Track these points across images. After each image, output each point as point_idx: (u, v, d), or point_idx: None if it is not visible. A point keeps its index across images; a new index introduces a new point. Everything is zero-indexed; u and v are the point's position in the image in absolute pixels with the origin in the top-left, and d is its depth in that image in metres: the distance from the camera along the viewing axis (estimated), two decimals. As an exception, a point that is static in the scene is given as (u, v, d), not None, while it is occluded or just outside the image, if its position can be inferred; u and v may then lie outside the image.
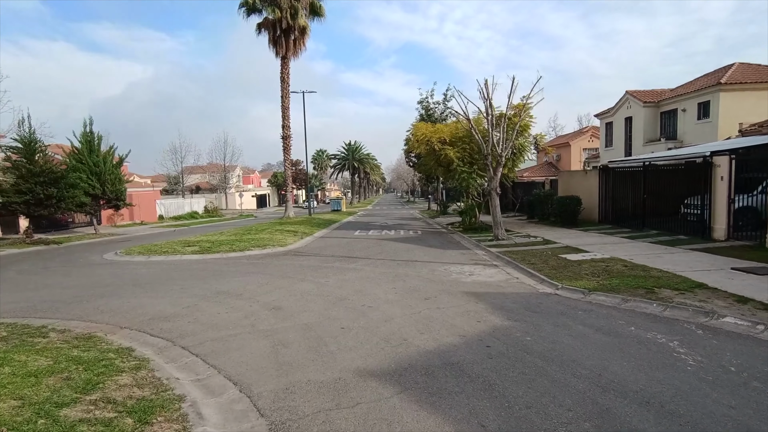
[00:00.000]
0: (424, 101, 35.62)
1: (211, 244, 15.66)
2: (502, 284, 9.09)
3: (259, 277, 10.48)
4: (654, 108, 26.57)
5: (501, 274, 10.22)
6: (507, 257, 12.08)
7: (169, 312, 7.37)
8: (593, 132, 41.17)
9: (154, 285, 9.84)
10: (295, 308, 7.45)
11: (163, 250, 14.65)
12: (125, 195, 27.35)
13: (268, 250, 14.97)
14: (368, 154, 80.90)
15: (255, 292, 8.80)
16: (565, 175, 24.71)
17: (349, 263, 12.21)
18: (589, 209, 19.98)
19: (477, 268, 11.11)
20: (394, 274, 10.48)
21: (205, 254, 14.07)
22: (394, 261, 12.36)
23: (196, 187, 67.01)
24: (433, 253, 13.88)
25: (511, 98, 15.64)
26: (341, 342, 5.65)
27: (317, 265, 11.98)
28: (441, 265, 11.61)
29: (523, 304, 7.37)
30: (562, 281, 8.78)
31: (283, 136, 31.90)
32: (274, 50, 30.69)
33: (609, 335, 5.67)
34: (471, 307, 7.25)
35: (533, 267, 10.44)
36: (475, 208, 21.47)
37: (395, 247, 15.66)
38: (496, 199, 16.54)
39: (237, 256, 14.06)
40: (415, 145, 21.76)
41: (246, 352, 5.37)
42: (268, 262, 12.85)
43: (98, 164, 25.52)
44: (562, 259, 11.30)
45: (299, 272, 11.03)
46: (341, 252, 14.56)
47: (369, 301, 7.80)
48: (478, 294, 8.20)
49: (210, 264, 12.66)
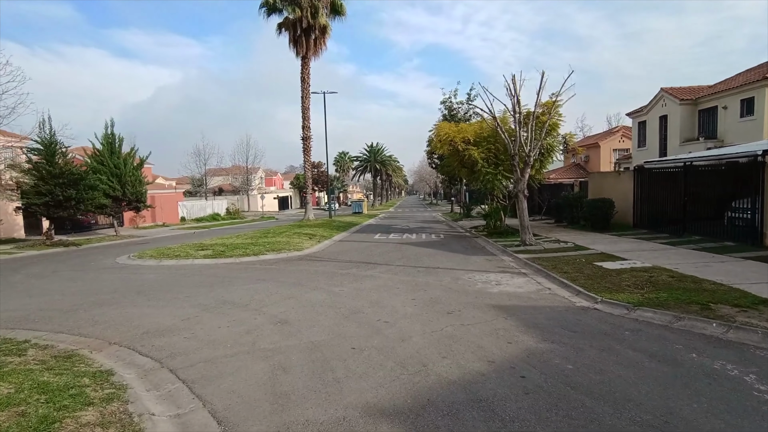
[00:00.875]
0: (447, 101, 34.78)
1: (225, 248, 15.15)
2: (533, 296, 8.21)
3: (269, 284, 9.83)
4: (691, 106, 25.05)
5: (531, 284, 9.32)
6: (536, 265, 11.16)
7: (166, 324, 6.76)
8: (624, 132, 39.50)
9: (159, 292, 9.29)
10: (302, 322, 6.74)
11: (176, 254, 14.19)
12: (146, 197, 27.26)
13: (283, 255, 14.37)
14: (390, 156, 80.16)
15: (262, 302, 8.14)
16: (596, 177, 23.47)
17: (366, 270, 11.48)
18: (623, 213, 18.82)
19: (504, 276, 10.23)
20: (414, 282, 9.70)
21: (218, 259, 13.54)
22: (414, 268, 11.57)
23: (219, 189, 67.39)
24: (457, 259, 13.04)
25: (540, 94, 14.68)
26: (350, 367, 4.90)
27: (332, 272, 11.29)
28: (465, 272, 10.77)
29: (559, 321, 6.49)
30: (601, 293, 7.85)
31: (303, 137, 31.44)
32: (295, 50, 30.28)
33: (667, 364, 4.76)
34: (499, 324, 6.42)
35: (566, 276, 9.51)
36: (500, 211, 20.53)
37: (416, 252, 14.86)
38: (523, 202, 15.59)
39: (250, 260, 13.49)
40: (438, 145, 20.91)
41: (240, 377, 4.67)
42: (282, 267, 12.22)
43: (119, 166, 25.45)
44: (598, 267, 10.33)
45: (312, 279, 10.35)
46: (359, 257, 13.85)
47: (385, 315, 7.03)
48: (507, 308, 7.35)
49: (221, 269, 12.10)
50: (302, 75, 30.83)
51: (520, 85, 14.80)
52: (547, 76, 14.18)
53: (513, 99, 15.17)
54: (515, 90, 14.78)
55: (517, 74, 14.79)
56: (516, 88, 14.74)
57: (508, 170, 19.80)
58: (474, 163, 20.19)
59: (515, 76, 14.64)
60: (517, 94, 14.79)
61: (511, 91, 15.07)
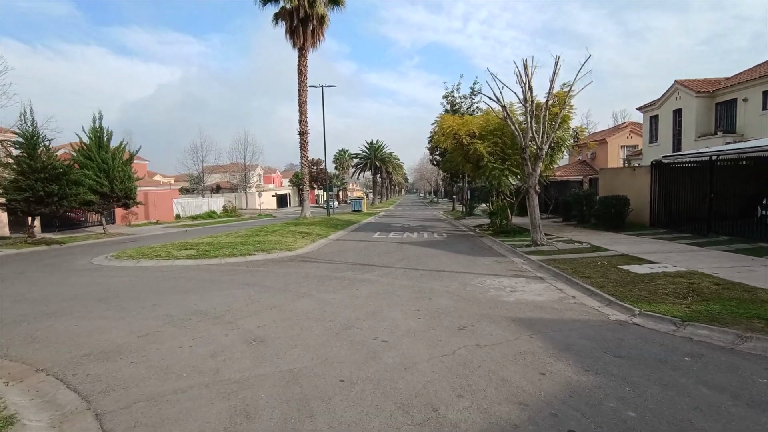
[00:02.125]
0: (449, 95, 33.63)
1: (211, 248, 13.95)
2: (557, 306, 7.02)
3: (252, 290, 8.62)
4: (708, 99, 23.80)
5: (551, 291, 8.12)
6: (553, 267, 9.97)
7: (117, 343, 5.55)
8: (633, 128, 38.28)
9: (124, 300, 8.08)
10: (282, 341, 5.54)
11: (156, 254, 12.98)
12: (135, 193, 26.05)
13: (273, 255, 13.16)
14: (390, 154, 78.84)
15: (240, 312, 6.94)
16: (608, 173, 22.24)
17: (363, 272, 10.29)
18: (638, 211, 17.62)
19: (519, 281, 9.03)
20: (418, 288, 8.50)
21: (201, 259, 12.33)
22: (417, 271, 10.37)
23: (217, 186, 66.20)
24: (463, 260, 11.84)
25: (554, 82, 13.46)
26: (336, 410, 3.70)
27: (326, 275, 10.09)
28: (474, 276, 9.57)
29: (597, 341, 5.30)
30: (638, 304, 6.65)
31: (300, 131, 30.19)
32: (291, 41, 29.02)
33: (760, 410, 3.57)
34: (524, 344, 5.22)
35: (591, 282, 8.32)
36: (507, 209, 19.32)
37: (418, 252, 13.66)
38: (534, 199, 14.38)
39: (236, 261, 12.28)
40: (441, 139, 19.68)
41: (186, 429, 3.48)
42: (270, 269, 11.02)
43: (107, 161, 24.25)
44: (625, 271, 9.13)
45: (302, 284, 9.15)
46: (356, 258, 12.65)
47: (384, 331, 5.83)
48: (530, 322, 6.15)
49: (202, 272, 10.89)
50: (299, 67, 29.59)
51: (532, 71, 13.58)
52: (562, 61, 12.97)
53: (524, 87, 13.95)
54: (527, 77, 13.55)
55: (524, 62, 13.53)
56: (528, 75, 13.51)
57: (515, 165, 18.63)
58: (479, 157, 19.00)
59: (527, 62, 13.42)
60: (529, 81, 13.56)
61: (522, 78, 13.84)
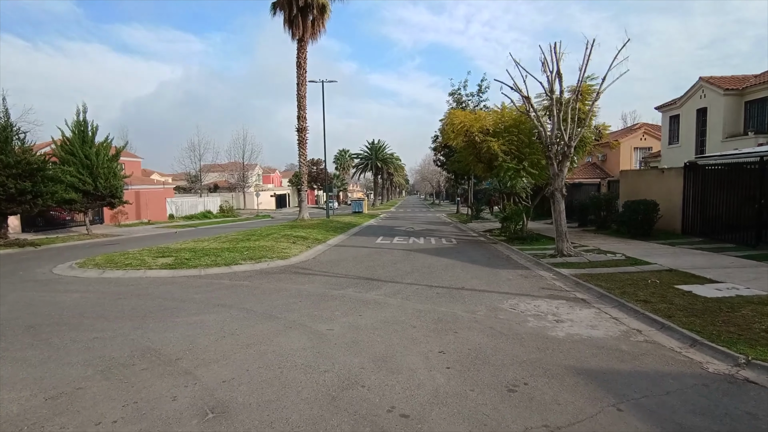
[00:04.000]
0: (456, 93, 32.03)
1: (192, 255, 12.21)
2: (624, 346, 5.30)
3: (228, 315, 6.88)
4: (737, 97, 22.07)
5: (606, 321, 6.41)
6: (594, 286, 8.27)
7: (7, 414, 3.82)
8: (646, 129, 36.57)
9: (60, 328, 6.31)
10: (254, 413, 3.79)
11: (127, 263, 11.21)
12: (121, 192, 24.27)
13: (263, 265, 11.42)
14: (392, 154, 77.15)
15: (204, 353, 5.20)
16: (630, 175, 20.53)
17: (367, 290, 8.56)
18: (667, 217, 15.96)
19: (559, 306, 7.30)
20: (436, 314, 6.78)
21: (177, 270, 10.56)
22: (431, 288, 8.65)
23: (214, 185, 64.52)
24: (482, 274, 10.12)
25: (585, 69, 11.75)
26: None
27: (321, 294, 8.35)
28: (501, 297, 7.85)
29: (719, 419, 3.58)
30: (736, 346, 4.94)
31: (299, 128, 28.44)
32: (290, 32, 27.33)
33: None
34: (614, 424, 3.50)
35: (652, 309, 6.61)
36: (522, 213, 17.61)
37: (429, 262, 11.94)
38: (560, 203, 12.68)
39: (218, 273, 10.52)
40: (451, 136, 17.99)
41: None
42: (256, 284, 9.26)
43: (90, 156, 22.49)
44: (688, 294, 7.43)
45: (292, 306, 7.41)
46: (358, 269, 10.92)
47: (401, 395, 4.09)
48: (602, 376, 4.43)
49: (175, 287, 9.13)
50: (298, 60, 27.88)
51: (560, 55, 11.86)
52: (596, 43, 11.24)
53: (550, 76, 12.25)
54: (555, 63, 11.84)
55: (552, 46, 11.80)
56: (556, 61, 11.79)
57: (532, 165, 16.99)
58: (492, 157, 17.34)
59: (556, 44, 11.70)
60: (558, 67, 11.84)
61: (549, 65, 12.14)
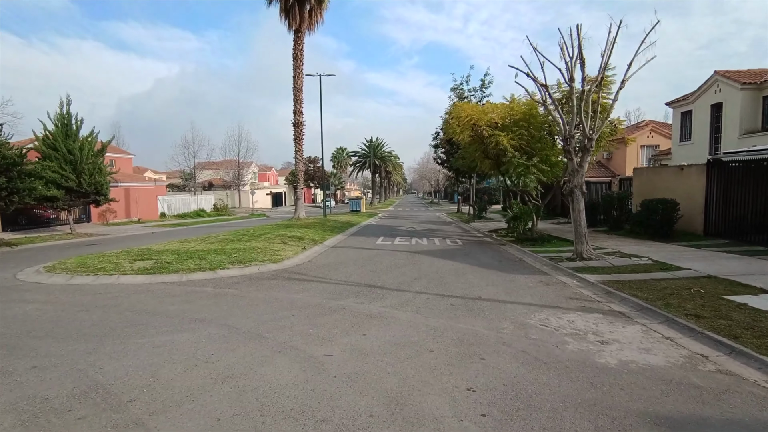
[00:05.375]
0: (458, 88, 30.88)
1: (175, 257, 11.04)
2: (694, 378, 4.20)
3: (204, 334, 5.72)
4: (755, 91, 21.02)
5: (658, 342, 5.31)
6: (628, 295, 7.20)
7: None
8: (653, 126, 35.52)
9: None
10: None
11: (100, 267, 10.02)
12: (107, 189, 23.05)
13: (252, 269, 10.26)
14: (390, 152, 75.88)
15: (165, 390, 4.05)
16: (645, 173, 19.46)
17: (371, 300, 7.43)
18: (687, 217, 14.96)
19: (597, 320, 6.20)
20: (455, 333, 5.66)
21: (156, 275, 9.38)
22: (443, 298, 7.54)
23: (209, 183, 63.25)
24: (498, 280, 9.01)
25: (610, 50, 10.64)
26: None
27: (317, 305, 7.21)
28: (526, 309, 6.74)
29: None
30: None
31: (295, 122, 27.25)
32: (287, 22, 26.13)
33: None
34: None
35: (711, 327, 5.53)
36: (533, 212, 16.54)
37: (436, 266, 10.82)
38: (580, 202, 11.59)
39: (202, 278, 9.35)
40: (457, 130, 16.86)
41: None
42: (242, 293, 8.11)
43: (73, 151, 21.27)
44: (744, 307, 6.38)
45: (283, 322, 6.27)
46: (359, 274, 9.79)
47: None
48: (690, 429, 3.33)
49: (149, 296, 7.96)
50: (294, 52, 26.70)
51: (581, 39, 10.74)
52: (623, 24, 10.13)
53: (571, 62, 11.14)
54: (578, 46, 10.70)
55: (577, 27, 10.68)
56: (578, 45, 10.66)
57: (543, 161, 15.92)
58: (501, 152, 16.24)
59: (579, 26, 10.56)
60: (581, 52, 10.71)
61: (569, 51, 11.01)
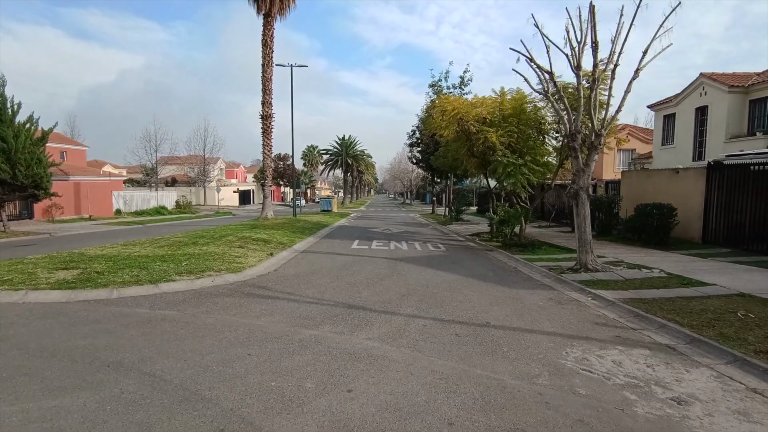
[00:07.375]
0: (436, 85, 29.52)
1: (110, 265, 9.07)
2: None
3: (111, 394, 3.92)
4: (741, 95, 20.47)
5: (749, 399, 3.90)
6: (665, 321, 5.83)
7: None
8: (630, 130, 35.16)
9: None
10: None
11: (7, 278, 7.96)
12: (48, 182, 20.43)
13: (204, 281, 8.44)
14: (363, 151, 73.99)
15: None
16: (635, 176, 18.55)
17: (352, 329, 5.79)
18: (684, 223, 14.07)
19: (648, 360, 4.75)
20: (475, 387, 4.08)
21: (78, 290, 7.42)
22: (443, 324, 5.97)
23: (172, 179, 60.00)
24: (500, 296, 7.52)
25: (626, 34, 9.32)
26: None
27: (284, 335, 5.51)
28: (551, 341, 5.25)
29: None
30: None
31: (263, 115, 25.19)
32: (255, 6, 24.08)
33: None
34: None
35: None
36: (522, 216, 15.28)
37: (425, 278, 9.26)
38: (585, 206, 10.30)
39: (137, 294, 7.47)
40: (442, 125, 15.40)
41: None
42: (186, 318, 6.30)
43: (7, 139, 18.68)
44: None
45: (234, 369, 4.55)
46: (335, 289, 8.12)
47: None
48: None
49: (56, 323, 6.03)
50: (264, 38, 24.67)
51: (594, 22, 9.39)
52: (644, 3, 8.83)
53: (578, 47, 9.80)
54: (592, 29, 9.34)
55: (591, 5, 9.33)
56: (593, 26, 9.30)
57: (535, 161, 14.72)
58: (488, 150, 14.93)
59: (593, 7, 9.19)
60: (594, 35, 9.36)
61: (576, 35, 9.67)
